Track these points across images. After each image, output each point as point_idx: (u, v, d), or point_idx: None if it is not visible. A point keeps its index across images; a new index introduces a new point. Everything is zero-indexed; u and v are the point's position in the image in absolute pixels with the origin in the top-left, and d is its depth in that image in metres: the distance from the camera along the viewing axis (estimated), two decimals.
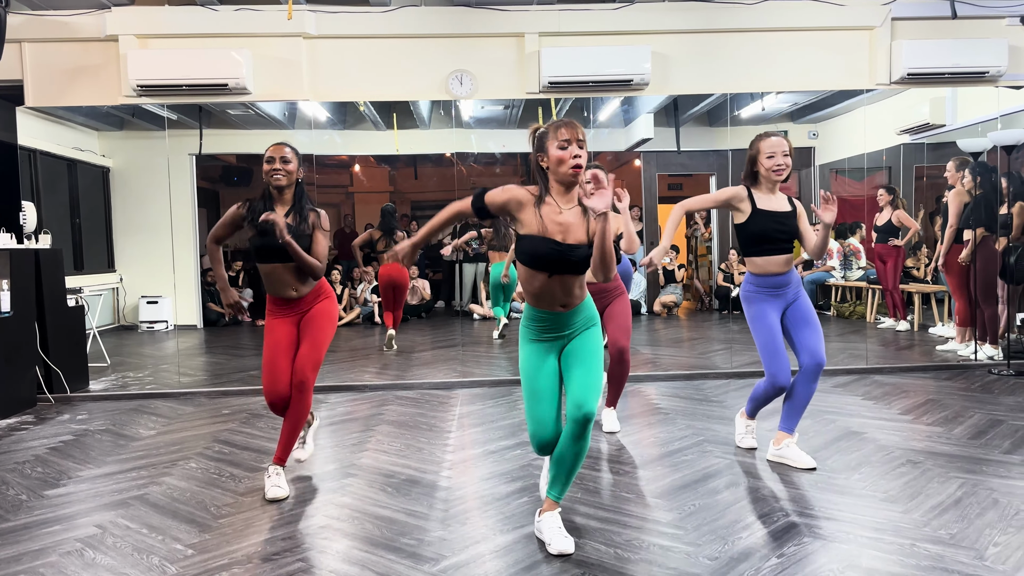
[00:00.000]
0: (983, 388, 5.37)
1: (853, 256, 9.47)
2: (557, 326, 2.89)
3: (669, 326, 9.20)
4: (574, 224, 2.79)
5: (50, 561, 2.82)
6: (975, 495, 3.25)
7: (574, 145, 2.76)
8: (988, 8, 6.17)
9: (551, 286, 2.81)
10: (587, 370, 2.84)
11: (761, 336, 3.73)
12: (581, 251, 2.77)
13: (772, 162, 3.69)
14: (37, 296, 5.66)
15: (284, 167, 3.53)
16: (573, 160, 2.74)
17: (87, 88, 6.03)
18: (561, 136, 2.75)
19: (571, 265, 2.77)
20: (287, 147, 3.59)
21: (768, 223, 3.69)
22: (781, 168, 3.69)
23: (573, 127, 2.78)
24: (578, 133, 2.77)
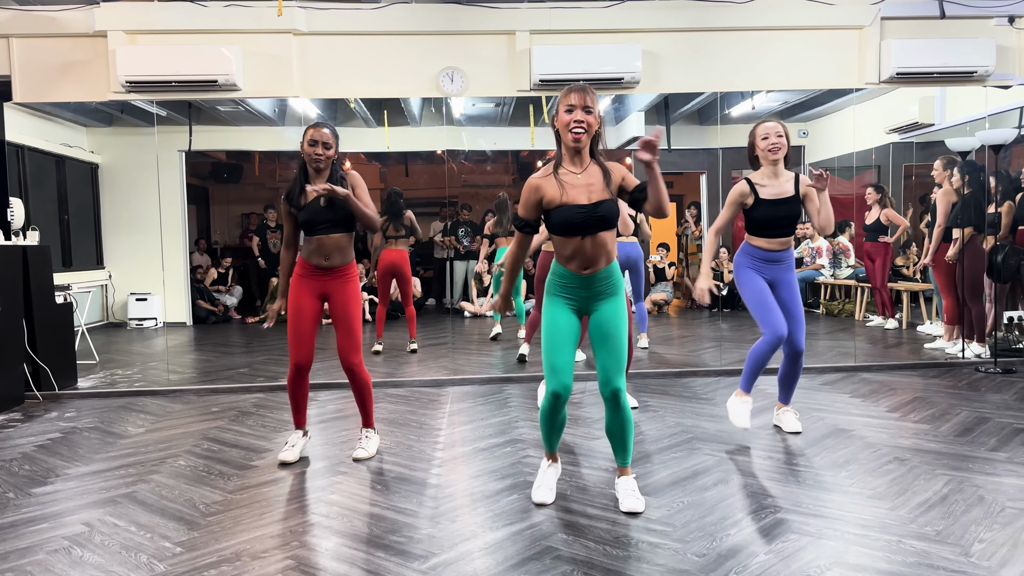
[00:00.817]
0: (970, 386, 5.41)
1: (842, 254, 9.52)
2: (581, 285, 3.04)
3: (659, 324, 9.22)
4: (593, 184, 2.96)
5: (37, 559, 2.81)
6: (961, 492, 3.28)
7: (578, 111, 2.91)
8: (976, 8, 6.21)
9: (583, 247, 2.98)
10: (611, 347, 3.02)
11: (752, 296, 4.03)
12: (605, 206, 2.94)
13: (767, 143, 3.97)
14: (25, 293, 5.63)
15: (326, 152, 3.78)
16: (575, 125, 2.90)
17: (75, 84, 5.99)
18: (569, 101, 2.92)
19: (600, 222, 2.93)
20: (327, 130, 3.81)
21: (770, 211, 3.98)
22: (776, 147, 3.95)
23: (582, 92, 2.91)
24: (585, 99, 2.90)
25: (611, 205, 2.95)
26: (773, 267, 4.05)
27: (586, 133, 2.93)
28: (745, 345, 7.17)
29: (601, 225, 2.94)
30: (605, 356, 3.03)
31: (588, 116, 2.92)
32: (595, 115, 2.95)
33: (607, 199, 2.95)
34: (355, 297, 3.87)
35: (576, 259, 3.01)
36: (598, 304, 3.07)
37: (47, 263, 5.92)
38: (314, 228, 3.77)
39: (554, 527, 2.99)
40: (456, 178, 9.46)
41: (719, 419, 4.58)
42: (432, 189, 11.52)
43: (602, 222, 2.94)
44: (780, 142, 3.96)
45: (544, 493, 3.26)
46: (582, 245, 2.97)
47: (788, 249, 4.07)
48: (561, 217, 2.95)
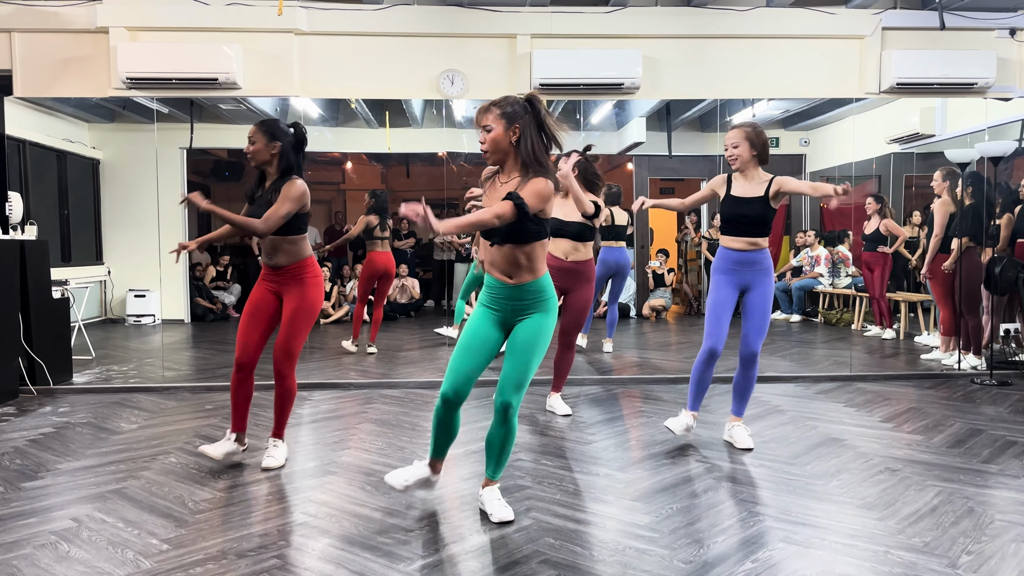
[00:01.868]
0: (965, 397, 5.40)
1: (841, 263, 9.51)
2: (503, 296, 3.03)
3: (657, 330, 9.22)
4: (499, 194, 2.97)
5: (24, 554, 2.81)
6: (951, 503, 3.27)
7: (481, 132, 2.97)
8: (977, 20, 6.21)
9: (493, 254, 3.01)
10: (515, 362, 3.00)
11: (709, 301, 4.14)
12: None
13: (727, 153, 4.10)
14: (22, 287, 5.63)
15: (251, 148, 3.74)
16: (481, 147, 2.98)
17: (76, 79, 6.00)
18: (477, 121, 3.00)
19: (503, 233, 2.92)
20: (254, 126, 3.76)
21: (732, 208, 4.07)
22: (732, 157, 4.07)
23: (480, 113, 2.98)
24: (482, 120, 2.97)
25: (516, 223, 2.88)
26: (746, 271, 4.05)
27: (489, 152, 2.97)
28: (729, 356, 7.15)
29: (505, 236, 2.92)
30: (508, 368, 3.00)
31: (488, 135, 2.94)
32: (497, 130, 2.92)
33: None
34: (307, 304, 3.75)
35: (495, 266, 3.01)
36: (522, 318, 3.04)
37: (44, 258, 5.92)
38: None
39: (541, 531, 2.99)
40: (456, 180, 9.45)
41: (711, 426, 4.58)
42: (432, 190, 11.49)
43: (504, 234, 2.91)
44: (734, 152, 4.04)
45: (399, 478, 3.20)
46: (492, 251, 3.00)
47: (760, 251, 4.06)
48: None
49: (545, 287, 3.05)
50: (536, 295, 3.02)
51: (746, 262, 4.05)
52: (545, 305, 3.04)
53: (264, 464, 3.80)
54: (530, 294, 3.01)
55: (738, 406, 4.23)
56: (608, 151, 9.96)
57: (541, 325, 3.03)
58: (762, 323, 4.07)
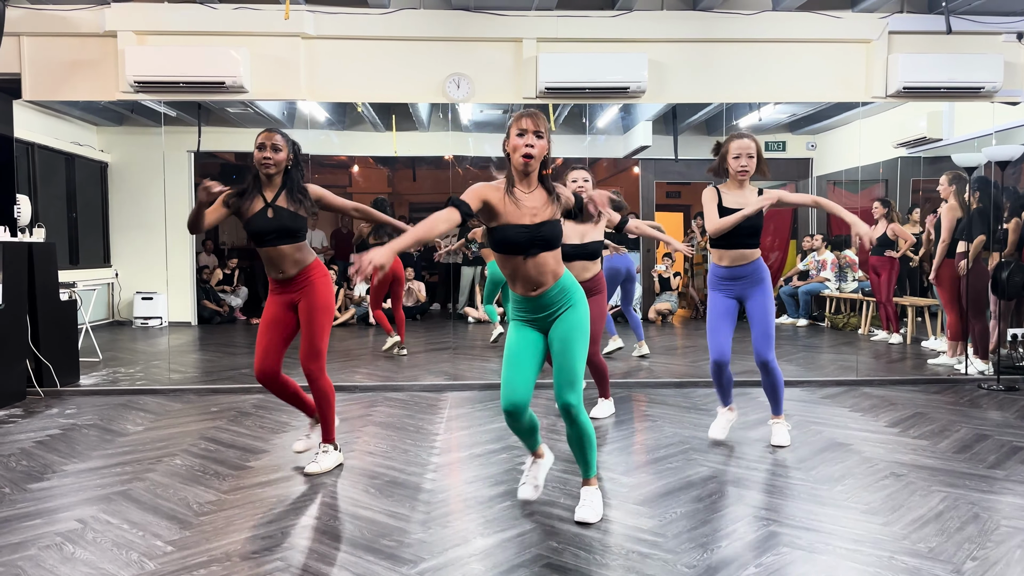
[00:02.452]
0: (971, 403, 5.38)
1: (848, 268, 9.49)
2: (536, 308, 3.07)
3: (663, 334, 9.21)
4: (539, 206, 2.99)
5: (29, 555, 2.82)
6: (956, 509, 3.26)
7: (530, 135, 2.94)
8: (984, 24, 6.19)
9: (524, 268, 3.00)
10: (561, 362, 3.04)
11: (708, 315, 4.19)
12: (548, 227, 2.98)
13: (737, 163, 4.01)
14: (29, 290, 5.66)
15: (274, 156, 3.67)
16: (524, 148, 2.93)
17: (84, 83, 6.03)
18: (520, 125, 2.95)
19: (542, 242, 2.97)
20: (277, 135, 3.70)
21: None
22: (744, 170, 4.00)
23: (534, 118, 2.96)
24: (537, 124, 2.95)
25: (554, 227, 3.00)
26: (738, 284, 4.10)
27: (534, 158, 2.97)
28: (748, 357, 7.14)
29: (543, 246, 2.98)
30: (557, 371, 3.05)
31: (539, 141, 2.96)
32: (545, 140, 2.99)
33: (550, 220, 2.99)
34: (321, 304, 3.76)
35: (519, 281, 3.03)
36: (556, 319, 3.08)
37: (52, 260, 5.95)
38: (262, 240, 3.66)
39: (545, 535, 2.99)
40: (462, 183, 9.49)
41: None
42: (438, 194, 11.53)
43: (544, 243, 2.98)
44: (750, 164, 3.99)
45: (528, 490, 3.26)
46: (523, 265, 2.99)
47: (750, 264, 4.08)
48: (504, 235, 2.96)
49: (568, 284, 3.09)
50: (563, 295, 3.07)
51: (736, 276, 4.09)
52: (573, 299, 3.09)
53: (307, 469, 3.77)
54: (557, 296, 3.06)
55: (773, 406, 4.28)
56: (614, 155, 9.97)
57: (575, 319, 3.06)
58: (766, 329, 4.07)
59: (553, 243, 3.00)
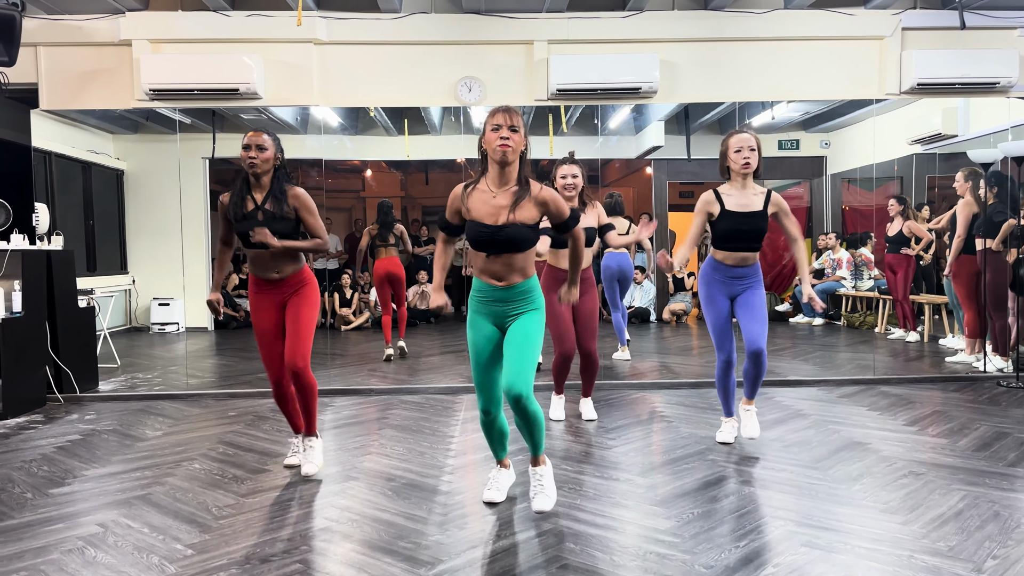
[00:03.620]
0: (991, 400, 5.33)
1: (864, 266, 9.43)
2: (497, 299, 3.13)
3: (678, 334, 9.18)
4: (505, 206, 3.03)
5: (51, 559, 2.85)
6: (976, 507, 3.23)
7: (504, 129, 2.99)
8: (999, 19, 6.15)
9: (491, 264, 3.09)
10: (515, 354, 3.06)
11: (711, 317, 4.12)
12: (510, 231, 3.01)
13: (739, 156, 3.96)
14: (48, 297, 5.73)
15: (260, 155, 3.66)
16: (500, 141, 2.98)
17: (100, 91, 6.10)
18: (495, 120, 3.01)
19: (503, 244, 3.02)
20: (264, 134, 3.71)
21: (734, 223, 3.97)
22: (747, 162, 3.93)
23: (508, 113, 3.02)
24: (511, 119, 3.01)
25: (518, 230, 3.01)
26: (736, 283, 4.07)
27: (511, 149, 2.99)
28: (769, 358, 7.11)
29: (505, 247, 3.02)
30: (509, 360, 3.06)
31: (514, 135, 3.00)
32: (520, 135, 3.03)
33: (516, 224, 3.01)
34: (309, 302, 3.75)
35: (486, 272, 3.11)
36: (514, 317, 3.13)
37: (70, 267, 6.01)
38: (250, 242, 3.63)
39: (562, 536, 2.99)
40: None
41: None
42: None
43: (506, 244, 3.02)
44: (752, 157, 3.93)
45: (494, 493, 3.36)
46: (489, 262, 3.08)
47: (751, 266, 4.06)
48: (469, 231, 3.07)
49: (533, 287, 3.16)
50: (525, 295, 3.13)
51: (737, 276, 4.06)
52: (534, 303, 3.15)
53: (304, 471, 3.75)
54: (520, 295, 3.12)
55: (751, 391, 4.18)
56: (627, 155, 9.96)
57: (533, 320, 3.12)
58: (763, 317, 4.00)
59: (517, 245, 3.03)
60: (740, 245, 4.00)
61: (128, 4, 5.96)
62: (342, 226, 12.14)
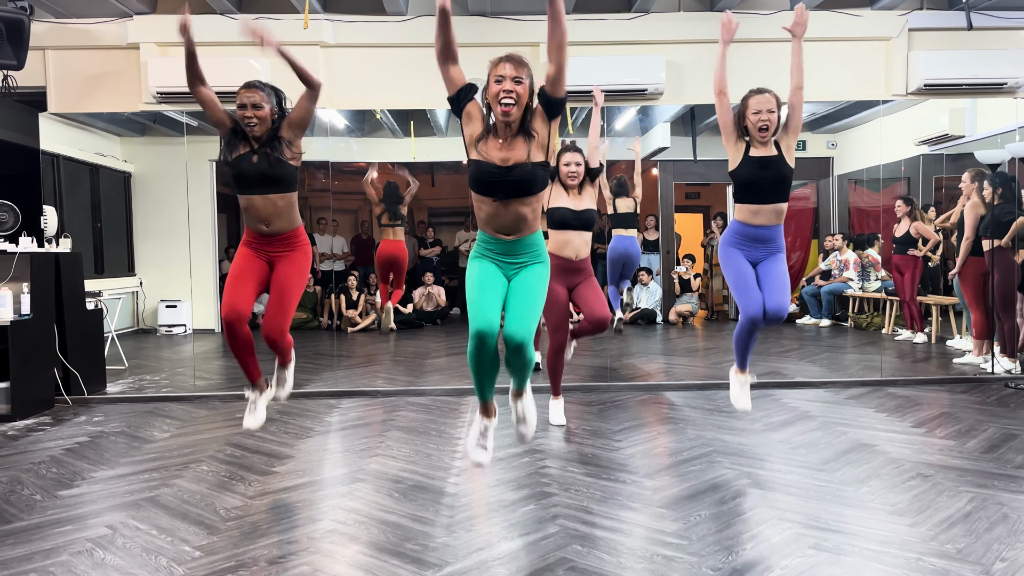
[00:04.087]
0: (999, 402, 5.32)
1: (871, 267, 9.41)
2: (505, 250, 3.04)
3: (684, 335, 9.17)
4: (514, 151, 2.90)
5: (60, 560, 2.86)
6: (984, 509, 3.22)
7: (508, 81, 2.84)
8: (1006, 20, 6.13)
9: (498, 211, 2.95)
10: (520, 303, 3.00)
11: (731, 275, 3.95)
12: (520, 169, 2.87)
13: (757, 117, 3.87)
14: (56, 299, 5.75)
15: (256, 114, 3.55)
16: (504, 95, 2.83)
17: (108, 95, 6.13)
18: (499, 71, 2.87)
19: (513, 186, 2.88)
20: (257, 90, 3.57)
21: (756, 170, 3.86)
22: (766, 126, 3.83)
23: (514, 62, 2.87)
24: (517, 69, 2.86)
25: (528, 169, 2.87)
26: (759, 248, 3.91)
27: (515, 105, 2.86)
28: (771, 359, 7.11)
29: (515, 190, 2.89)
30: (515, 310, 2.99)
31: (518, 87, 2.85)
32: (526, 87, 2.88)
33: (525, 162, 2.88)
34: (299, 267, 3.65)
35: (492, 223, 3.00)
36: (519, 271, 3.06)
37: (79, 270, 6.04)
38: (246, 185, 3.51)
39: (569, 538, 2.99)
40: None
41: (740, 432, 4.55)
42: (457, 199, 11.57)
43: (516, 187, 2.88)
44: (771, 119, 3.85)
45: (482, 453, 3.22)
46: (497, 209, 2.95)
47: (777, 226, 3.90)
48: (475, 170, 2.92)
49: (538, 242, 3.08)
50: (531, 248, 3.06)
51: (762, 239, 3.90)
52: (540, 257, 3.09)
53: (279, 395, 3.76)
54: (526, 247, 3.05)
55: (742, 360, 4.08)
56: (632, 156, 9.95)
57: (539, 275, 3.06)
58: (784, 283, 3.85)
59: (527, 187, 2.90)
60: (765, 196, 3.85)
61: (135, 8, 5.99)
62: (348, 228, 12.14)
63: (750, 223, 3.91)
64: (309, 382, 6.14)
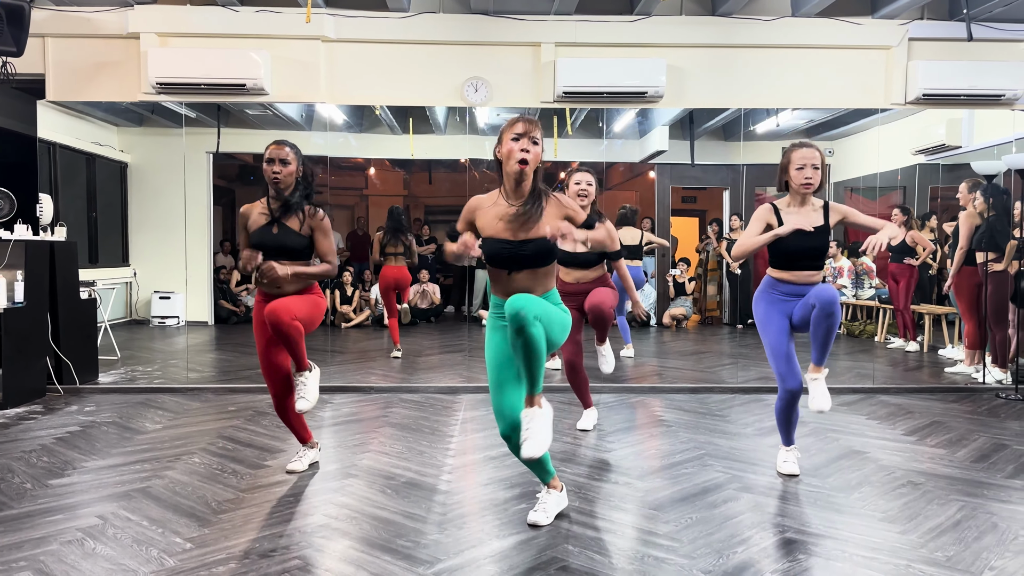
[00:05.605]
0: (989, 412, 5.34)
1: (865, 275, 9.44)
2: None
3: (677, 339, 9.19)
4: (526, 221, 2.90)
5: (51, 549, 2.86)
6: (974, 518, 3.24)
7: (525, 140, 2.87)
8: (1006, 31, 6.16)
9: (512, 281, 2.94)
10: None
11: (769, 339, 3.72)
12: (532, 245, 2.88)
13: (801, 174, 3.62)
14: (50, 288, 5.73)
15: (284, 169, 3.58)
16: (520, 154, 2.85)
17: (107, 84, 6.10)
18: (516, 130, 2.88)
19: (525, 260, 2.89)
20: (287, 147, 3.60)
21: (795, 242, 3.62)
22: (809, 182, 3.62)
23: (530, 124, 2.89)
24: (533, 130, 2.89)
25: (541, 244, 2.87)
26: (795, 301, 3.71)
27: (529, 165, 2.88)
28: (763, 363, 7.12)
29: (527, 263, 2.89)
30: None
31: (534, 147, 2.89)
32: (539, 148, 2.91)
33: (537, 238, 2.87)
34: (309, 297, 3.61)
35: (503, 290, 2.97)
36: None
37: (73, 259, 6.02)
38: (263, 254, 3.55)
39: (561, 538, 2.99)
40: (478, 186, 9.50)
41: (732, 436, 4.56)
42: (454, 197, 11.55)
43: (527, 260, 2.89)
44: (815, 176, 3.61)
45: (539, 515, 3.14)
46: (510, 279, 2.93)
47: (815, 285, 3.67)
48: (487, 247, 2.93)
49: (554, 296, 3.04)
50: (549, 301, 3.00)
51: (800, 295, 3.69)
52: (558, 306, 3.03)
53: (298, 407, 3.57)
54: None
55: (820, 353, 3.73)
56: (630, 159, 9.96)
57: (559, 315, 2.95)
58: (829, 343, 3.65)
59: (539, 261, 2.91)
60: (802, 264, 3.66)
61: None
62: (345, 223, 12.13)
63: (788, 281, 3.72)
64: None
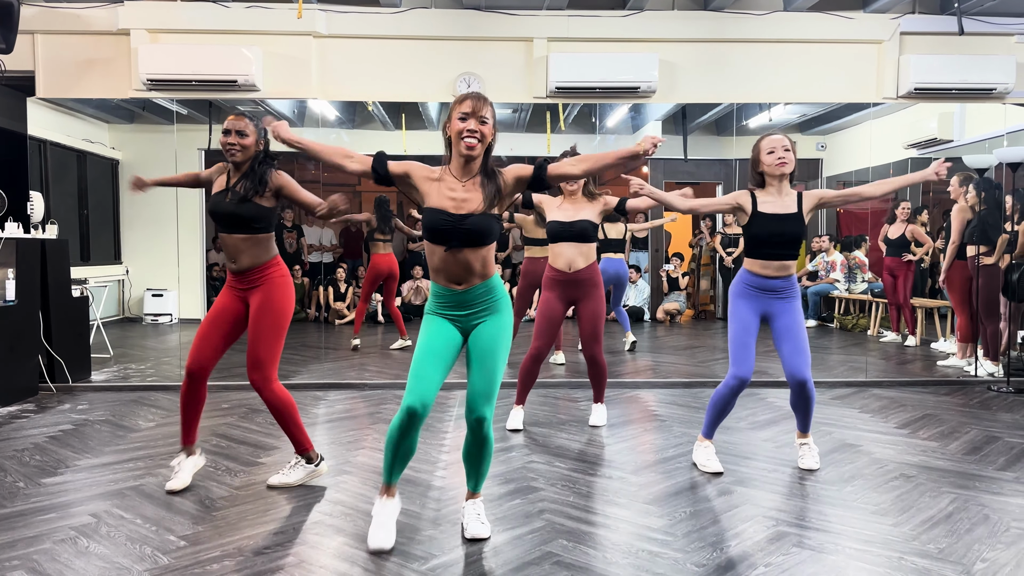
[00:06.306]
0: (981, 404, 5.37)
1: (858, 269, 9.47)
2: (458, 303, 2.87)
3: (671, 333, 9.21)
4: (470, 197, 2.79)
5: (44, 548, 2.85)
6: (966, 510, 3.25)
7: (472, 120, 2.76)
8: (997, 25, 6.18)
9: (448, 260, 2.81)
10: (484, 370, 2.83)
11: (733, 328, 3.73)
12: (474, 219, 2.76)
13: (773, 157, 3.65)
14: (42, 285, 5.70)
15: (239, 140, 3.42)
16: (467, 133, 2.74)
17: (98, 81, 6.08)
18: (462, 108, 2.77)
19: (465, 235, 2.76)
20: (245, 119, 3.46)
21: (769, 226, 3.65)
22: (783, 160, 3.64)
23: (478, 101, 2.78)
24: (481, 109, 2.77)
25: (482, 220, 2.76)
26: (770, 297, 3.70)
27: (480, 143, 2.77)
28: (757, 358, 7.13)
29: (466, 240, 2.76)
30: (475, 379, 2.83)
31: (482, 127, 2.77)
32: (490, 126, 2.80)
33: (479, 214, 2.77)
34: (274, 304, 3.45)
35: (443, 272, 2.84)
36: (478, 322, 2.89)
37: (64, 257, 5.99)
38: (216, 222, 3.44)
39: (555, 533, 3.00)
40: None
41: (726, 430, 4.57)
42: None
43: (468, 236, 2.76)
44: (788, 156, 3.64)
45: (383, 536, 2.84)
46: (447, 258, 2.80)
47: (788, 277, 3.70)
48: (428, 219, 2.80)
49: (495, 287, 2.90)
50: (487, 296, 2.88)
51: (772, 289, 3.70)
52: (498, 305, 2.90)
53: (270, 480, 3.55)
54: (481, 297, 2.87)
55: (801, 422, 3.87)
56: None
57: (499, 326, 2.88)
58: (801, 345, 3.66)
59: (480, 239, 2.78)
60: (776, 252, 3.66)
61: None
62: (337, 221, 12.10)
63: (760, 274, 3.72)
64: (296, 374, 6.13)
